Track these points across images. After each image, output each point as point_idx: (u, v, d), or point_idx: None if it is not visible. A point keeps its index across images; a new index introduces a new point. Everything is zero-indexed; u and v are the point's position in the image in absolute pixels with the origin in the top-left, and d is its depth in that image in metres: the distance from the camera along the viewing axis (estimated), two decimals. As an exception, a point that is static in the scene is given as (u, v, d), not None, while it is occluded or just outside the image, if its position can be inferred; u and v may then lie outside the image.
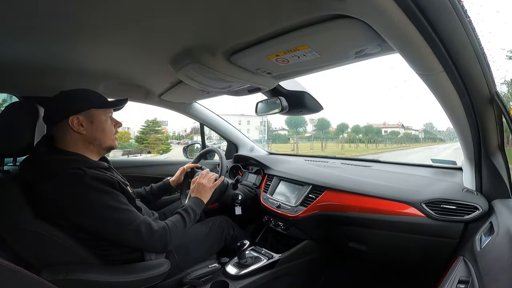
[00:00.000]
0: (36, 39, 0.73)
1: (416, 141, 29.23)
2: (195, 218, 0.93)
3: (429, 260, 0.92)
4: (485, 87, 0.63)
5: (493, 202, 0.79)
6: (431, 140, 29.06)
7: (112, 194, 0.74)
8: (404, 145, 25.88)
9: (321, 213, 1.13)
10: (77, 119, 0.78)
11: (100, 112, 0.83)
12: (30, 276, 0.43)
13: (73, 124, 0.77)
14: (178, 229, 0.84)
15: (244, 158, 1.75)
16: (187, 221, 0.88)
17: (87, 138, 0.80)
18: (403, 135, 28.95)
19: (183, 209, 0.91)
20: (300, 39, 0.62)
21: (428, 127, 32.71)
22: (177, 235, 0.83)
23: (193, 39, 0.72)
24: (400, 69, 6.75)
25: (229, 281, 1.04)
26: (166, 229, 0.79)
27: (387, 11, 0.45)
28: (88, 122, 0.80)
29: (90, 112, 0.80)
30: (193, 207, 0.94)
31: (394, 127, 29.79)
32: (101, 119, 0.83)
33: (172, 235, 0.80)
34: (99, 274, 0.70)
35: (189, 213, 0.91)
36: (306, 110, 1.20)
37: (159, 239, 0.76)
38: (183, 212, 0.90)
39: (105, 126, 0.84)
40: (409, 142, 28.30)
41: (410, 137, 29.59)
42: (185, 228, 0.87)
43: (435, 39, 0.50)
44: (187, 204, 0.95)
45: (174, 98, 1.42)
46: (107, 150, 0.87)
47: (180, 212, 0.90)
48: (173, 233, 0.81)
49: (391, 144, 26.05)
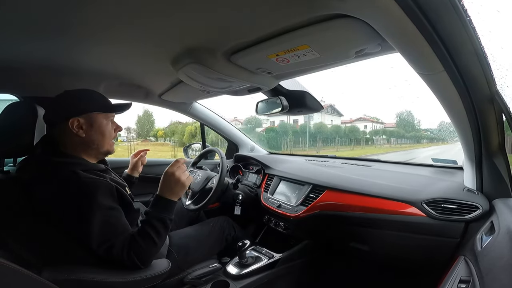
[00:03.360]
0: (36, 39, 0.73)
1: (417, 142, 24.07)
2: (165, 228, 0.78)
3: (430, 259, 0.92)
4: (486, 87, 0.63)
5: (494, 201, 0.79)
6: (427, 140, 24.08)
7: (101, 204, 0.69)
8: (398, 146, 21.39)
9: (322, 213, 1.12)
10: (77, 121, 0.76)
11: (101, 116, 0.80)
12: (31, 276, 0.44)
13: (72, 126, 0.75)
14: (150, 249, 0.74)
15: (245, 158, 1.75)
16: (155, 238, 0.74)
17: (86, 141, 0.78)
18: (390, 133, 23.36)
19: (146, 222, 0.76)
20: (300, 38, 0.62)
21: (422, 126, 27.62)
22: (150, 254, 0.74)
23: (193, 39, 0.72)
24: (400, 68, 6.74)
25: (230, 281, 1.04)
26: (140, 250, 0.71)
27: (388, 10, 0.45)
28: (88, 125, 0.78)
29: (91, 115, 0.78)
30: (158, 216, 0.77)
31: (390, 126, 24.59)
32: (102, 123, 0.81)
33: (144, 258, 0.73)
34: (100, 274, 0.70)
35: (155, 226, 0.75)
36: (307, 109, 1.20)
37: (130, 262, 0.71)
38: (148, 227, 0.75)
39: (104, 130, 0.81)
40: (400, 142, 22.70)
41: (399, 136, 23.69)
42: (159, 243, 0.76)
43: (435, 39, 0.50)
44: (151, 215, 0.78)
45: (174, 98, 1.42)
46: (104, 154, 0.85)
47: (144, 228, 0.75)
48: (145, 255, 0.73)
49: (379, 145, 21.39)
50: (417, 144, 23.33)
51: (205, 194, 1.25)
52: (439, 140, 22.51)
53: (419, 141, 23.98)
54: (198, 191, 1.32)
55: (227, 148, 1.96)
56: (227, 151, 1.94)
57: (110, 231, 0.71)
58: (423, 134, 24.62)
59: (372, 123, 23.28)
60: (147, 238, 0.74)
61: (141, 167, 1.19)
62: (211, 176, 1.35)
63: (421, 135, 24.51)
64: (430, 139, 24.06)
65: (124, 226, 0.74)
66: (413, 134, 24.05)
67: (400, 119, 25.04)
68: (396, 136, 22.94)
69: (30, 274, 0.43)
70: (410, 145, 22.06)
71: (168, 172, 0.83)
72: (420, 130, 25.23)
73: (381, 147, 20.29)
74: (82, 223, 0.68)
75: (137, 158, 1.18)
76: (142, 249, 0.72)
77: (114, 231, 0.71)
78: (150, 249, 0.74)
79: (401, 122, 24.81)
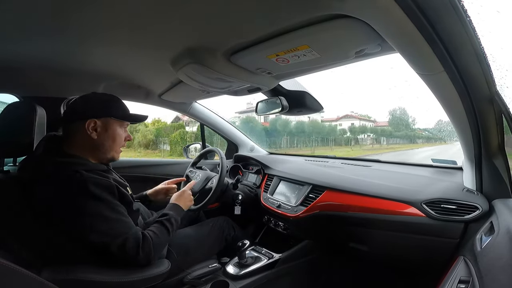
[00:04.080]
0: (36, 39, 0.73)
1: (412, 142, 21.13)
2: (177, 227, 0.90)
3: (430, 260, 0.92)
4: (485, 87, 0.63)
5: (494, 202, 0.79)
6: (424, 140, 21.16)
7: (106, 201, 0.72)
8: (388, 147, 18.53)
9: (321, 213, 1.12)
10: (94, 123, 0.78)
11: (118, 123, 0.83)
12: (31, 276, 0.44)
13: (88, 127, 0.77)
14: (162, 241, 0.81)
15: (244, 158, 1.75)
16: (171, 232, 0.85)
17: (96, 144, 0.79)
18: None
19: (166, 219, 0.87)
20: (300, 39, 0.62)
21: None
22: (160, 248, 0.82)
23: (193, 39, 0.72)
24: (401, 68, 6.72)
25: (230, 281, 1.04)
26: (150, 244, 0.76)
27: (388, 10, 0.45)
28: (103, 129, 0.80)
29: (109, 120, 0.81)
30: (175, 216, 0.90)
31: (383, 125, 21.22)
32: (116, 129, 0.83)
33: (156, 249, 0.78)
34: (99, 274, 0.70)
35: (172, 223, 0.87)
36: (306, 109, 1.20)
37: (143, 256, 0.74)
38: (167, 222, 0.86)
39: (116, 137, 0.83)
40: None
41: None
42: (168, 240, 0.85)
43: (435, 39, 0.50)
44: (170, 213, 0.90)
45: (174, 98, 1.42)
46: (108, 160, 0.85)
47: (163, 222, 0.85)
48: (157, 247, 0.79)
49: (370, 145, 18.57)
50: (412, 144, 20.64)
51: (204, 194, 1.25)
52: (436, 140, 19.43)
53: (414, 141, 21.39)
54: (197, 191, 1.32)
55: (227, 148, 1.96)
56: (227, 151, 1.94)
57: (121, 227, 0.72)
58: (417, 133, 21.89)
59: (359, 120, 20.23)
60: (164, 232, 0.82)
61: (163, 195, 1.15)
62: (211, 176, 1.35)
63: (415, 134, 21.75)
64: (427, 139, 21.34)
65: (131, 222, 0.77)
66: (404, 133, 21.23)
67: (393, 117, 22.00)
68: (387, 136, 20.08)
69: (29, 274, 0.43)
70: (399, 146, 19.31)
71: (189, 194, 1.05)
72: (414, 129, 22.28)
73: (363, 147, 17.68)
74: (88, 222, 0.69)
75: (166, 186, 1.15)
76: (157, 242, 0.79)
77: (125, 227, 0.73)
78: (163, 244, 0.83)
79: (394, 120, 21.80)
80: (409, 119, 21.95)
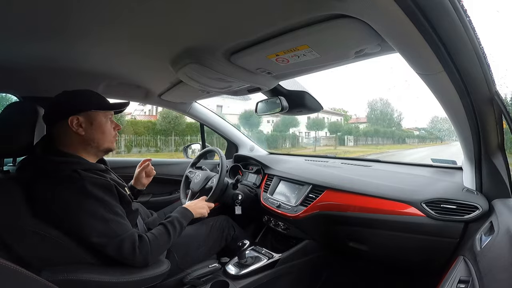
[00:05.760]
0: (36, 39, 0.73)
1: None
2: (181, 231, 0.88)
3: (429, 259, 0.92)
4: (485, 87, 0.63)
5: (493, 201, 0.79)
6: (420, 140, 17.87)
7: (104, 202, 0.72)
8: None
9: (321, 213, 1.13)
10: (76, 119, 0.77)
11: (100, 114, 0.82)
12: (30, 276, 0.43)
13: (72, 124, 0.76)
14: (161, 244, 0.80)
15: (244, 158, 1.75)
16: (172, 235, 0.83)
17: (85, 139, 0.79)
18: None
19: (168, 221, 0.86)
20: (300, 39, 0.62)
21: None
22: (159, 251, 0.80)
23: (193, 39, 0.72)
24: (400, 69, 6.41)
25: (229, 281, 1.04)
26: (148, 246, 0.75)
27: (387, 10, 0.45)
28: (87, 123, 0.79)
29: (90, 113, 0.79)
30: (180, 219, 0.89)
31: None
32: (101, 120, 0.82)
33: (154, 251, 0.77)
34: (99, 274, 0.70)
35: (175, 226, 0.86)
36: (306, 109, 1.20)
37: (140, 258, 0.74)
38: (169, 225, 0.85)
39: (104, 128, 0.82)
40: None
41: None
42: (169, 243, 0.83)
43: (435, 39, 0.50)
44: (174, 216, 0.89)
45: (174, 98, 1.42)
46: (104, 152, 0.86)
47: (165, 224, 0.85)
48: (155, 249, 0.78)
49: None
50: (397, 144, 16.06)
51: (204, 194, 1.25)
52: (426, 140, 16.35)
53: (402, 141, 16.69)
54: (197, 191, 1.32)
55: (227, 148, 1.96)
56: (227, 151, 1.94)
57: (117, 228, 0.72)
58: (405, 132, 17.16)
59: (331, 115, 16.00)
60: (164, 235, 0.82)
61: (146, 179, 1.12)
62: (211, 176, 1.35)
63: (402, 133, 16.95)
64: (420, 138, 17.52)
65: (128, 225, 0.76)
66: (385, 131, 16.09)
67: (372, 110, 16.86)
68: (358, 134, 16.07)
69: (29, 274, 0.43)
70: (381, 146, 15.43)
71: (204, 203, 1.08)
72: (400, 125, 17.26)
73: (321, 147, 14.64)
74: (86, 222, 0.69)
75: (140, 169, 1.12)
76: (156, 244, 0.78)
77: (121, 229, 0.73)
78: (162, 246, 0.82)
79: (373, 113, 16.83)
80: (394, 114, 17.67)
